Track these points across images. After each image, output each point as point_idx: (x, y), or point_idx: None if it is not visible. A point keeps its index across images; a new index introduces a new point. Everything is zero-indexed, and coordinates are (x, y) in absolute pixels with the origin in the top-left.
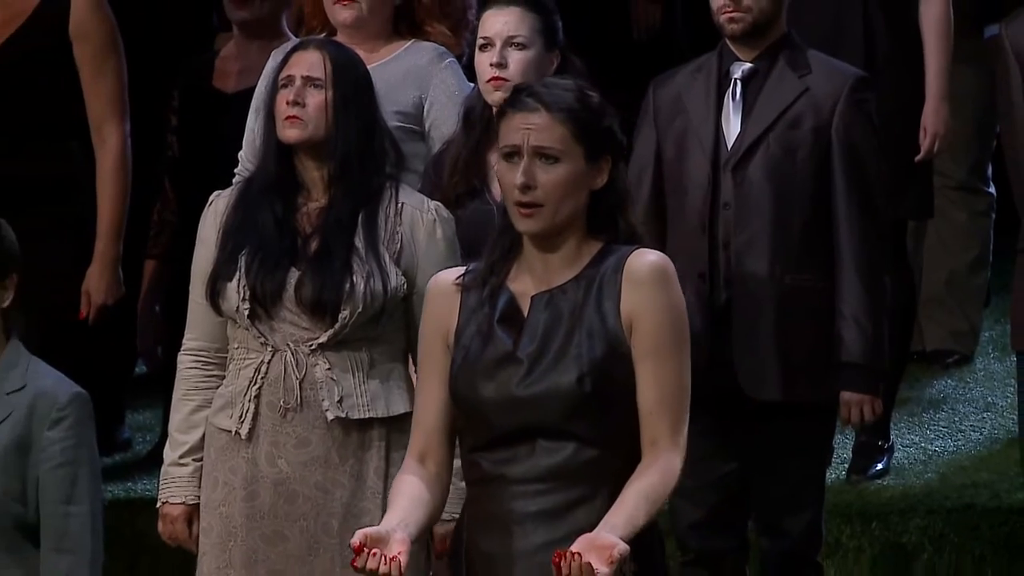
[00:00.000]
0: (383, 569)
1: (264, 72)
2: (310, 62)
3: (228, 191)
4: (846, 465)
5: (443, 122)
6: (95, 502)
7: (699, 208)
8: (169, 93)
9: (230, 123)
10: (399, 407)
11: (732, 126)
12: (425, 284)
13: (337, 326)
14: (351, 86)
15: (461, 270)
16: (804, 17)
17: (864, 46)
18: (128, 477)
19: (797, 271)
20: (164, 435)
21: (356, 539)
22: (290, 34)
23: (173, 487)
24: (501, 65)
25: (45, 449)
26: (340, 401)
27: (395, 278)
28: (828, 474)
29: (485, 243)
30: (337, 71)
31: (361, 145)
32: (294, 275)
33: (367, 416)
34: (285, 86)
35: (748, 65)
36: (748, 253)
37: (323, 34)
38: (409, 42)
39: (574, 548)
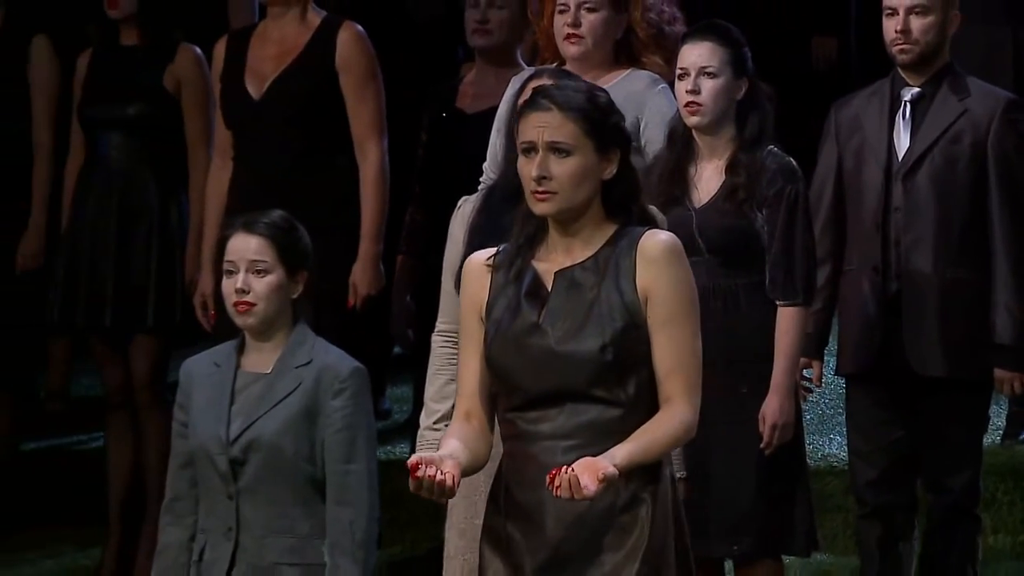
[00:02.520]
0: (439, 477)
1: (505, 96)
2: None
3: (474, 196)
4: (1000, 431)
5: (655, 140)
6: (371, 461)
7: (873, 211)
8: (420, 114)
9: (470, 139)
10: None
11: (902, 141)
12: None
13: None
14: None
15: (492, 251)
16: (960, 50)
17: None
18: (388, 441)
19: (957, 265)
20: (417, 405)
21: (412, 459)
22: (523, 63)
23: (427, 448)
24: (695, 92)
25: (329, 416)
26: None
27: None
28: (985, 439)
29: (682, 243)
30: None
31: None
32: None
33: None
34: None
35: (916, 89)
36: (915, 250)
37: (554, 64)
38: (628, 71)
39: (571, 467)
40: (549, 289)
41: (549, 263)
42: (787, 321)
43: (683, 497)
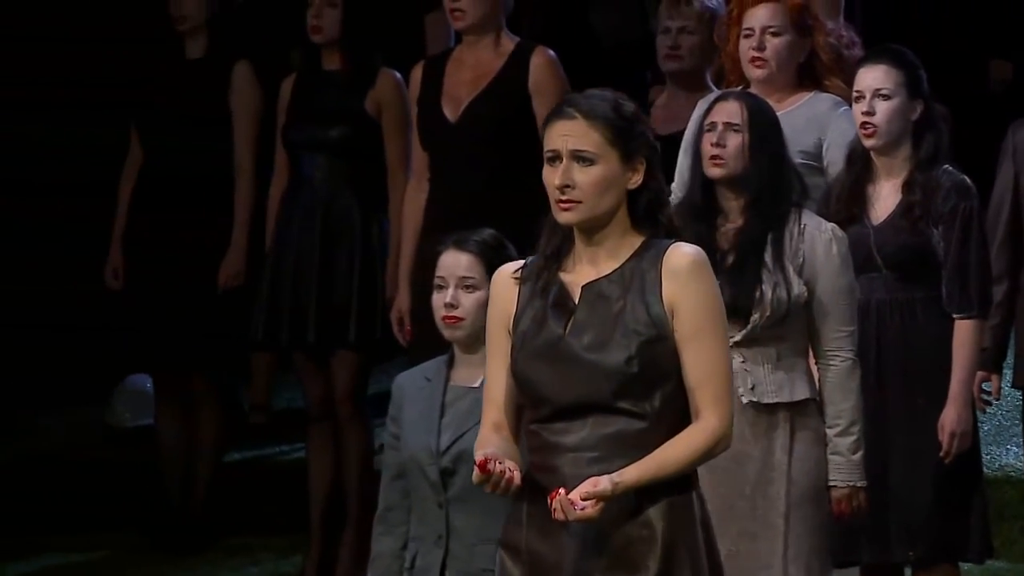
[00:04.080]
0: (508, 474)
1: (692, 118)
2: (730, 110)
3: None
4: None
5: (837, 161)
6: None
7: None
8: None
9: (665, 160)
10: (801, 394)
11: None
12: (824, 292)
13: (749, 327)
14: (764, 129)
15: (520, 263)
16: None
17: None
18: None
19: None
20: None
21: (480, 456)
22: (712, 86)
23: None
24: (870, 113)
25: None
26: (753, 388)
27: (797, 287)
28: None
29: (857, 259)
30: (752, 117)
31: (772, 178)
32: None
33: (775, 401)
34: (709, 130)
35: None
36: None
37: (740, 87)
38: (811, 93)
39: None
40: (576, 301)
41: (575, 275)
42: (963, 334)
43: (862, 507)
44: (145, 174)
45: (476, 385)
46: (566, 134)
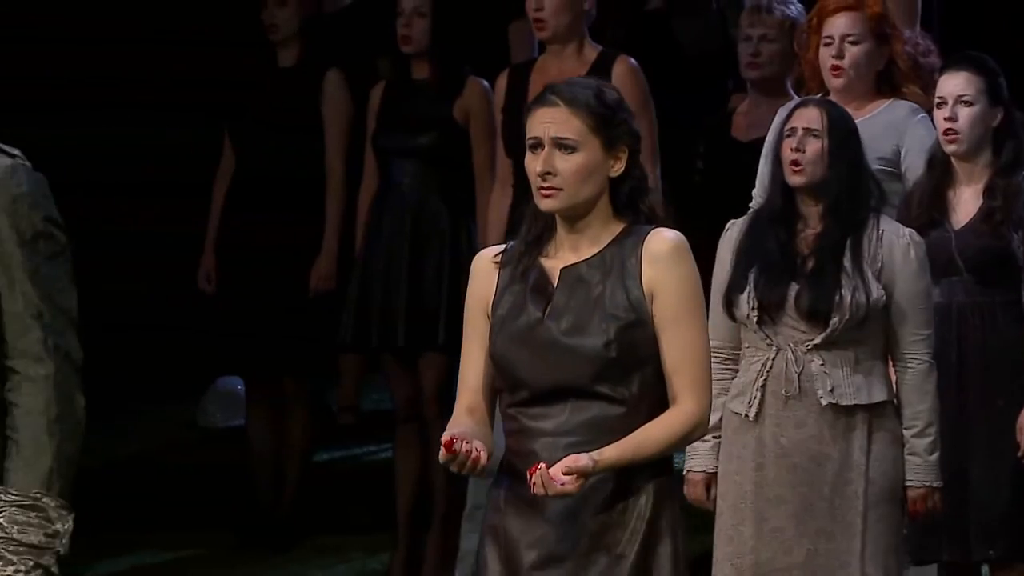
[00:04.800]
0: (475, 454)
1: (772, 125)
2: (809, 116)
3: (741, 220)
4: None
5: (915, 167)
6: None
7: None
8: (693, 142)
9: (743, 165)
10: (879, 395)
11: None
12: (902, 296)
13: (828, 330)
14: (842, 136)
15: (501, 248)
16: None
17: None
18: None
19: None
20: None
21: (446, 436)
22: (793, 93)
23: (697, 458)
24: (952, 120)
25: None
26: (832, 390)
27: (876, 291)
28: None
29: (938, 263)
30: (831, 124)
31: (850, 184)
32: (794, 288)
33: (853, 403)
34: (789, 136)
35: None
36: None
37: (820, 95)
38: (889, 101)
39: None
40: (555, 285)
41: (556, 260)
42: None
43: (937, 506)
44: (238, 179)
45: None
46: (548, 121)
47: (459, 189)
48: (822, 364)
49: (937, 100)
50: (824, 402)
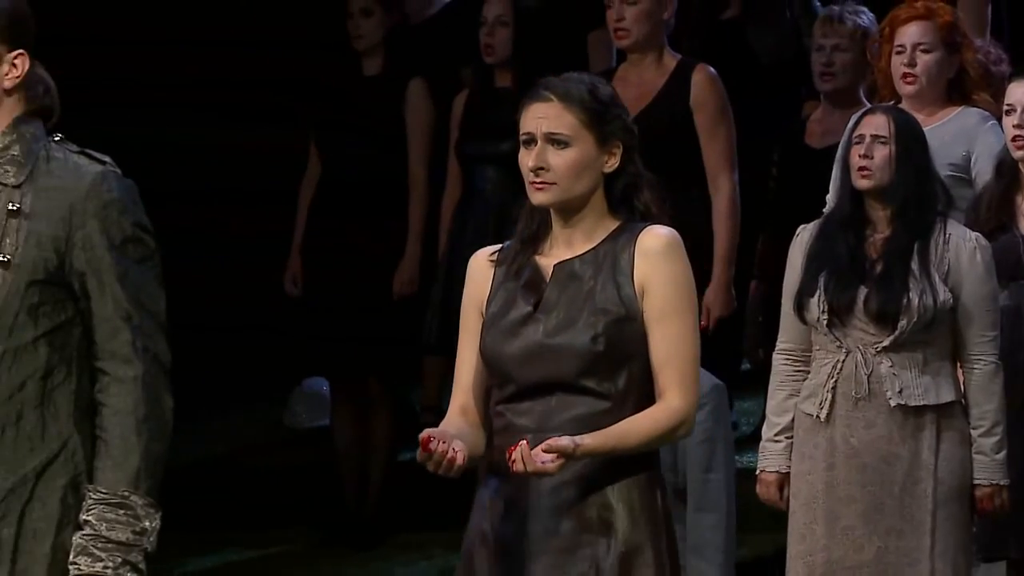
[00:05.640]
0: (451, 454)
1: (845, 132)
2: (877, 123)
3: (812, 224)
4: None
5: (985, 173)
6: (729, 470)
7: None
8: (769, 149)
9: (817, 172)
10: (947, 396)
11: None
12: (968, 298)
13: (897, 332)
14: (910, 142)
15: (498, 247)
16: None
17: None
18: (737, 451)
19: None
20: (763, 418)
21: (424, 434)
22: (865, 101)
23: (769, 459)
24: (1021, 126)
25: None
26: (900, 391)
27: (943, 294)
28: None
29: (1006, 266)
30: (899, 130)
31: (917, 188)
32: (863, 292)
33: (921, 404)
34: (858, 142)
35: None
36: None
37: (891, 102)
38: (960, 108)
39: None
40: (547, 281)
41: (550, 257)
42: None
43: (1005, 504)
44: (323, 185)
45: None
46: (541, 116)
47: None
48: (891, 366)
49: (1006, 107)
50: (893, 403)
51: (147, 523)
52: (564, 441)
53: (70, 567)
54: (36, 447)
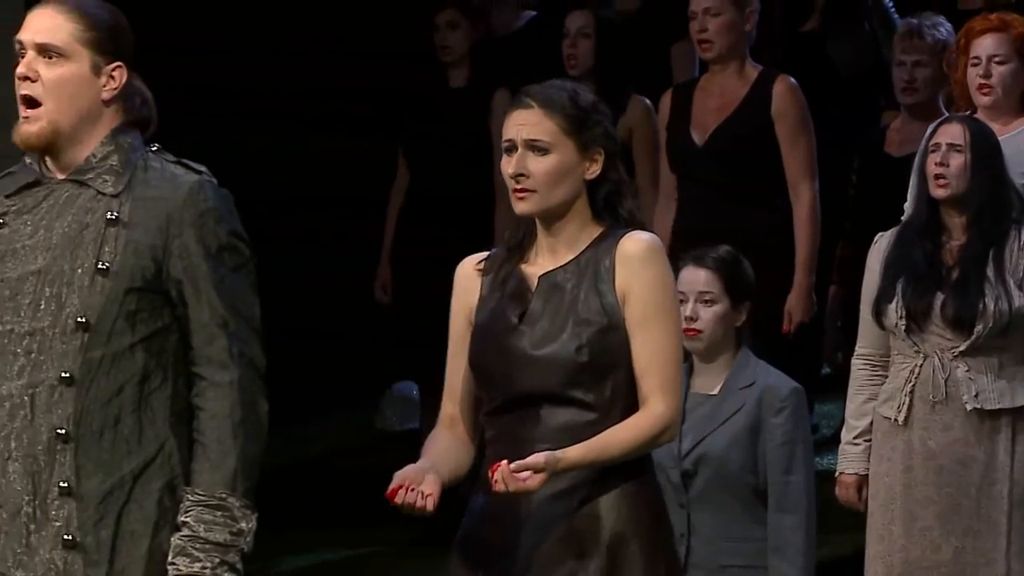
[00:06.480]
0: (419, 503)
1: (923, 140)
2: (953, 132)
3: (890, 232)
4: None
5: None
6: (809, 472)
7: None
8: (849, 158)
9: (896, 180)
10: (1022, 399)
11: None
12: None
13: (973, 337)
14: (985, 151)
15: (485, 254)
16: None
17: None
18: (816, 454)
19: None
20: (842, 421)
21: (394, 483)
22: (944, 111)
23: (848, 461)
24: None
25: (771, 431)
26: (976, 395)
27: (1018, 299)
28: None
29: None
30: (974, 139)
31: (992, 196)
32: (939, 298)
33: (997, 407)
34: (933, 151)
35: None
36: None
37: (967, 112)
38: None
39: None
40: (532, 292)
41: (535, 266)
42: None
43: None
44: (411, 194)
45: (714, 393)
46: (522, 123)
47: None
48: (967, 370)
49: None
50: (969, 407)
51: (244, 524)
52: (539, 458)
53: (169, 567)
54: (133, 450)
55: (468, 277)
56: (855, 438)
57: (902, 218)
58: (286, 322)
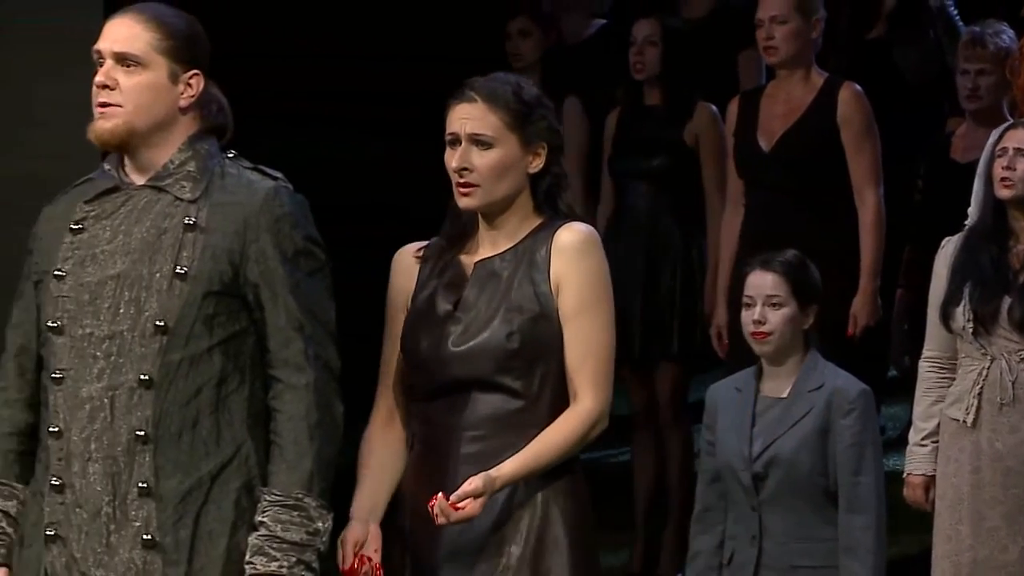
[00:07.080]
0: (367, 567)
1: (986, 146)
2: (1019, 137)
3: (956, 237)
4: None
5: None
6: (879, 473)
7: None
8: (915, 164)
9: (961, 186)
10: None
11: None
12: None
13: None
14: None
15: (424, 243)
16: None
17: None
18: (883, 455)
19: None
20: (909, 423)
21: (347, 560)
22: (1009, 116)
23: (916, 462)
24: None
25: (840, 433)
26: None
27: None
28: None
29: None
30: None
31: None
32: (1006, 301)
33: None
34: (1000, 155)
35: None
36: None
37: None
38: None
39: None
40: (468, 278)
41: (473, 255)
42: None
43: None
44: None
45: (784, 396)
46: (465, 117)
47: (690, 208)
48: None
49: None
50: None
51: (320, 524)
52: (476, 482)
53: (246, 566)
54: (211, 451)
55: (406, 265)
56: (923, 439)
57: (966, 223)
58: (361, 326)
